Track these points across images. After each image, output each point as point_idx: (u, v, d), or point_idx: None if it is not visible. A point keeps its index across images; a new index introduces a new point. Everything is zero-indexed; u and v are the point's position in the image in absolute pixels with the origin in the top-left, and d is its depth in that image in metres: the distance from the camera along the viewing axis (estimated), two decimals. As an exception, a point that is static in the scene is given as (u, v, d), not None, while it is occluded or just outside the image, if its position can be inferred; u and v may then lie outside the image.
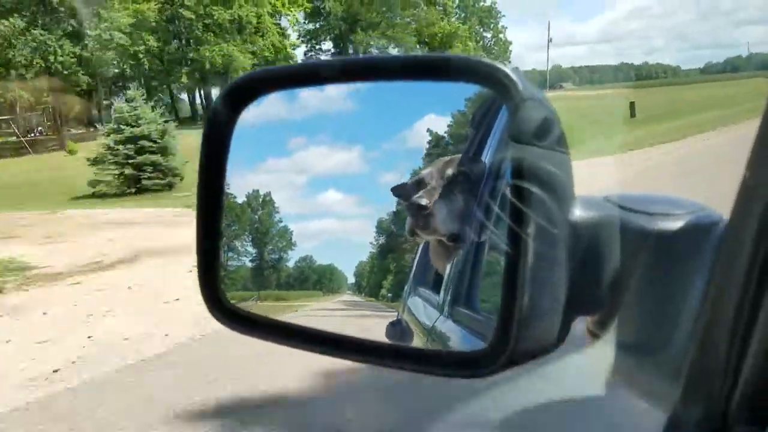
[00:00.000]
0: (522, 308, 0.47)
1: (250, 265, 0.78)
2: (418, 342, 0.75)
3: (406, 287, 0.77)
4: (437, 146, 0.66)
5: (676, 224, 0.52)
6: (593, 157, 10.32)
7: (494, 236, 0.62)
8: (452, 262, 0.72)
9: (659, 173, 12.37)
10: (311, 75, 0.68)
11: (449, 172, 0.64)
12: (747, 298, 0.43)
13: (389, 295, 0.74)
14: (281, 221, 0.74)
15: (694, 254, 0.51)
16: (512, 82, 0.50)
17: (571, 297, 0.50)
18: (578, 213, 0.51)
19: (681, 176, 10.81)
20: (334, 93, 0.73)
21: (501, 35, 76.25)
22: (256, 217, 0.76)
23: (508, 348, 0.48)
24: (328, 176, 0.74)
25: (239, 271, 0.78)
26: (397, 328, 0.75)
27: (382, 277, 0.74)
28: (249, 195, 0.74)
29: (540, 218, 0.48)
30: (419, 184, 0.64)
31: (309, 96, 0.74)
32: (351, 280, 0.73)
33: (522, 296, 0.47)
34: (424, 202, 0.62)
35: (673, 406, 0.48)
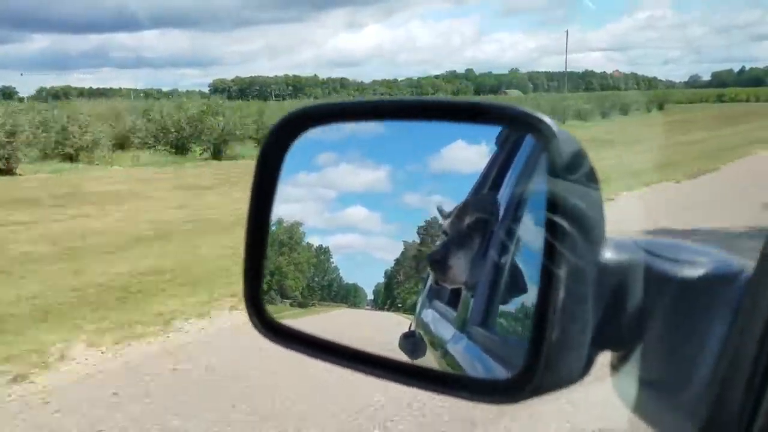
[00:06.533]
0: (551, 340, 0.50)
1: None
2: (430, 356, 0.79)
3: (420, 299, 0.81)
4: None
5: (699, 272, 0.55)
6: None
7: (515, 259, 0.66)
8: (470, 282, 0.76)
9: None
10: (356, 112, 0.74)
11: (468, 220, 0.68)
12: (764, 352, 0.45)
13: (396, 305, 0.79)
14: (333, 263, 0.81)
15: (715, 303, 0.53)
16: (545, 126, 0.54)
17: (596, 332, 0.53)
18: (608, 255, 0.54)
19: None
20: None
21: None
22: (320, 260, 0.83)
23: (535, 377, 0.51)
24: (355, 193, 0.78)
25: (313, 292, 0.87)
26: (410, 340, 0.78)
27: (388, 297, 0.79)
28: (317, 248, 0.82)
29: (572, 256, 0.51)
30: (443, 234, 0.68)
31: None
32: (370, 296, 0.77)
33: (551, 329, 0.50)
34: (438, 257, 0.68)
35: None
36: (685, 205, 10.36)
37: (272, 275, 0.80)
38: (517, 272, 0.63)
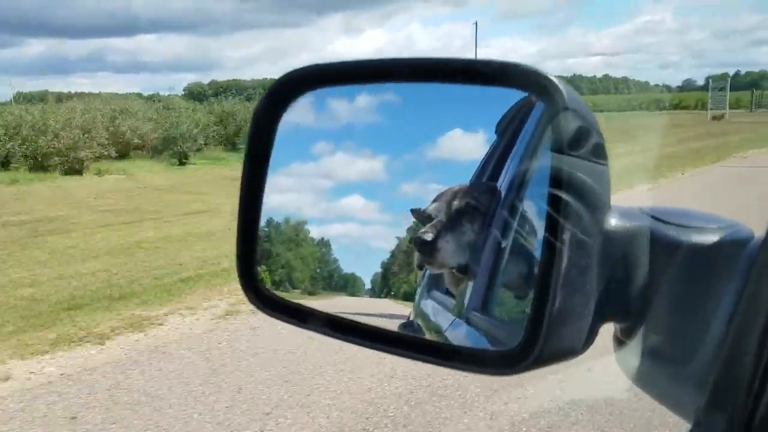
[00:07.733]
0: (552, 311, 0.50)
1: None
2: (429, 343, 0.79)
3: (418, 290, 0.81)
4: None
5: (708, 238, 0.53)
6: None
7: (517, 242, 0.65)
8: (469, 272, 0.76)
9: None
10: (356, 73, 0.71)
11: (456, 204, 0.66)
12: None
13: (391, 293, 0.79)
14: (333, 254, 0.81)
15: (725, 269, 0.52)
16: (556, 89, 0.52)
17: (600, 303, 0.52)
18: (613, 222, 0.53)
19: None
20: (363, 105, 0.76)
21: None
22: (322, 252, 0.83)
23: (537, 348, 0.50)
24: (352, 182, 0.78)
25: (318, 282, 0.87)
26: (408, 329, 0.79)
27: (384, 286, 0.79)
28: (320, 241, 0.82)
29: (574, 226, 0.50)
30: (427, 218, 0.66)
31: (338, 106, 0.78)
32: (368, 286, 0.77)
33: (553, 299, 0.49)
34: (428, 237, 0.65)
35: (696, 415, 0.50)
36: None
37: (282, 267, 0.81)
38: (518, 254, 0.63)
